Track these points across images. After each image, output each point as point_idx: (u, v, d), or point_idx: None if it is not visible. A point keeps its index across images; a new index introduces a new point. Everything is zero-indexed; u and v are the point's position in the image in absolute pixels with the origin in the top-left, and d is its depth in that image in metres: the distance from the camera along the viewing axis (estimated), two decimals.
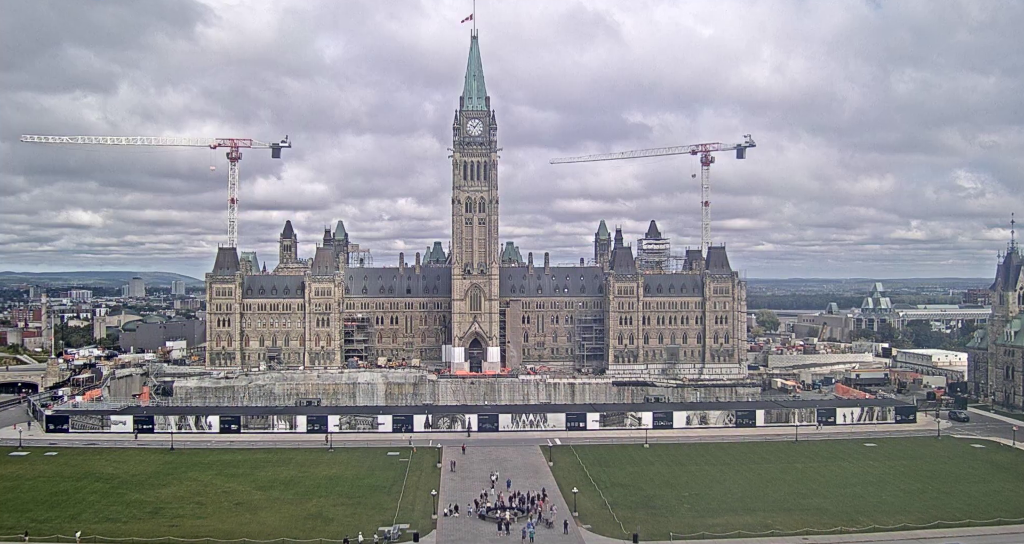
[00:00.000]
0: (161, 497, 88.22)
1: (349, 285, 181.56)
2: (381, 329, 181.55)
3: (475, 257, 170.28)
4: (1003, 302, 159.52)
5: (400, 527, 76.19)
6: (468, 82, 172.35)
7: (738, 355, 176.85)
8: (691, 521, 79.55)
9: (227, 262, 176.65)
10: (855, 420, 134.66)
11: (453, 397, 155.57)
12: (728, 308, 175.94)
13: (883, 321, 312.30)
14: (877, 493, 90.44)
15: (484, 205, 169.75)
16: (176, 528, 76.72)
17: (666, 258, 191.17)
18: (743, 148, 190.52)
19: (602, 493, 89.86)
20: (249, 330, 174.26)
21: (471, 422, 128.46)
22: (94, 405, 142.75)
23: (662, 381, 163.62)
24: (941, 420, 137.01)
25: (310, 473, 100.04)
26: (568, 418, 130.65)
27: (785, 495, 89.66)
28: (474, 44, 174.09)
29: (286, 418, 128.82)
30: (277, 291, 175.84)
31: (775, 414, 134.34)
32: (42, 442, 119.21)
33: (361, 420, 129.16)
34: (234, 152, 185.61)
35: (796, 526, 77.53)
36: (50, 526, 77.21)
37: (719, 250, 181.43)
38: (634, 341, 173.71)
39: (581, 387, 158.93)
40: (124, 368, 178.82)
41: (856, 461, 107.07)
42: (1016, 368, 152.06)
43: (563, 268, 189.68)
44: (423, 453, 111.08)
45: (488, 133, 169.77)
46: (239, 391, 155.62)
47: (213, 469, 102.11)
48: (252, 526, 77.37)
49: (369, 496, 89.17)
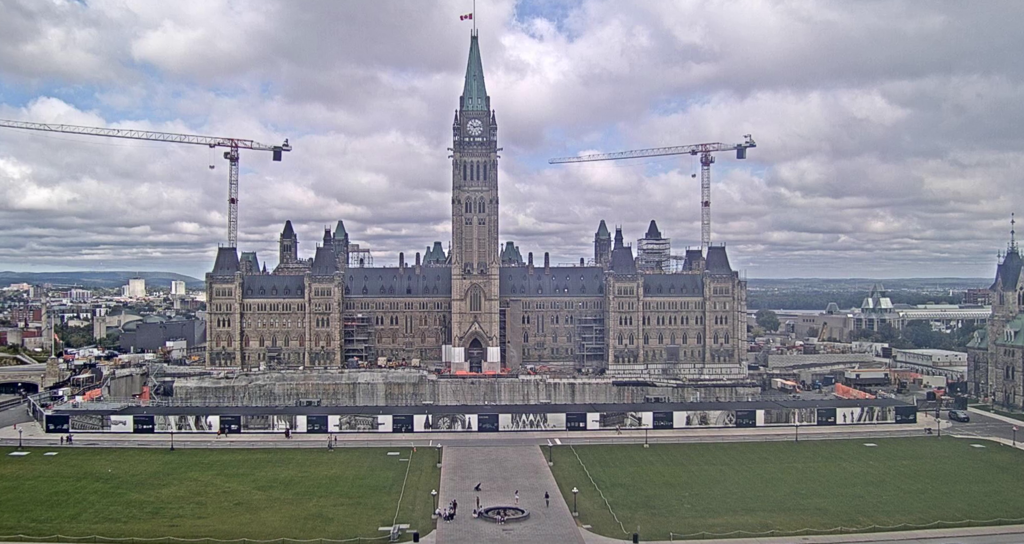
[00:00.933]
0: (161, 497, 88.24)
1: (349, 285, 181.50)
2: (381, 329, 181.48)
3: (475, 257, 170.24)
4: (1003, 302, 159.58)
5: (400, 527, 76.20)
6: (468, 82, 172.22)
7: (738, 355, 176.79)
8: (691, 521, 79.57)
9: (227, 262, 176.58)
10: (855, 420, 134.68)
11: (453, 397, 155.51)
12: (728, 308, 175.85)
13: (883, 321, 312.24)
14: (877, 493, 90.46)
15: (484, 205, 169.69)
16: (176, 528, 76.75)
17: (666, 258, 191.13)
18: (743, 148, 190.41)
19: (602, 493, 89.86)
20: (249, 330, 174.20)
21: (471, 422, 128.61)
22: (94, 405, 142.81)
23: (662, 381, 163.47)
24: (941, 420, 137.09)
25: (310, 473, 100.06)
26: (568, 418, 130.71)
27: (785, 495, 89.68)
28: (474, 44, 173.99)
29: (286, 418, 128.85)
30: (277, 291, 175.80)
31: (775, 414, 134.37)
32: (42, 442, 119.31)
33: (361, 420, 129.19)
34: (233, 151, 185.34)
35: (796, 526, 77.56)
36: (50, 526, 77.20)
37: (719, 250, 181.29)
38: (634, 341, 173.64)
39: (581, 387, 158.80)
40: (124, 368, 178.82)
41: (856, 461, 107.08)
42: (1016, 368, 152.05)
43: (563, 268, 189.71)
44: (423, 453, 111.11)
45: (488, 133, 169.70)
46: (239, 391, 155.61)
47: (213, 469, 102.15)
48: (252, 526, 77.39)
49: (369, 496, 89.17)
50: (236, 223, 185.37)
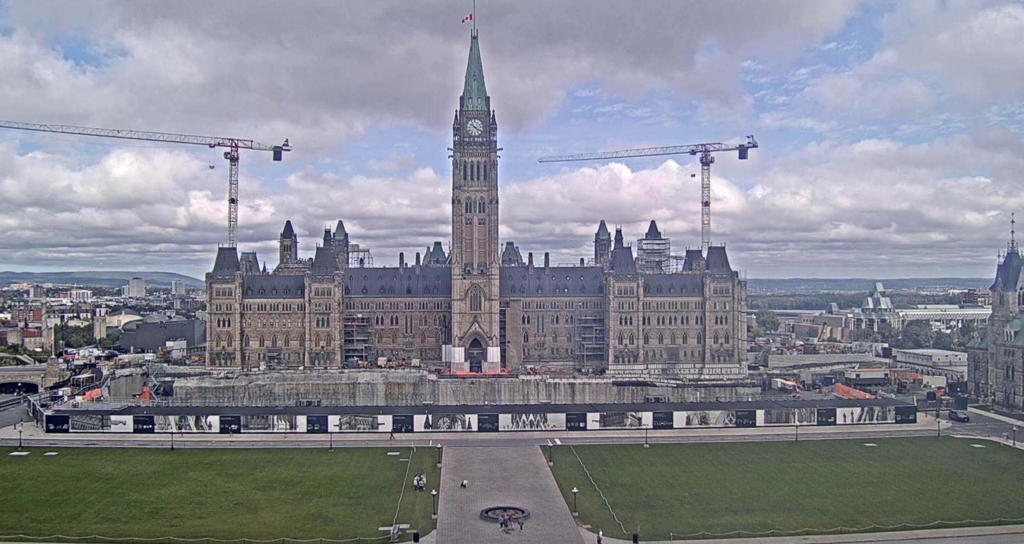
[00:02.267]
0: (161, 497, 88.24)
1: (349, 285, 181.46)
2: (381, 329, 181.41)
3: (475, 257, 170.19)
4: (1003, 302, 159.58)
5: (400, 527, 76.21)
6: (468, 82, 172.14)
7: (738, 355, 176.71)
8: (691, 521, 79.58)
9: (227, 262, 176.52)
10: (855, 420, 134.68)
11: (453, 397, 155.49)
12: (728, 308, 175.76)
13: (883, 321, 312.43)
14: (877, 493, 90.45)
15: (484, 205, 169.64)
16: (176, 528, 76.77)
17: (666, 258, 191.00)
18: (745, 148, 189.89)
19: (602, 493, 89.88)
20: (249, 330, 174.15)
21: (471, 422, 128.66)
22: (94, 405, 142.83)
23: (662, 381, 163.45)
24: (941, 420, 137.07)
25: (310, 473, 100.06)
26: (568, 418, 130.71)
27: (785, 495, 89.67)
28: (474, 44, 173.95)
29: (286, 418, 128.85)
30: (277, 291, 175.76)
31: (775, 414, 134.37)
32: (42, 442, 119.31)
33: (361, 420, 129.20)
34: (233, 151, 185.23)
35: (796, 526, 77.56)
36: (50, 526, 77.22)
37: (719, 250, 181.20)
38: (634, 341, 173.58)
39: (581, 387, 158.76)
40: (124, 368, 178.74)
41: (856, 461, 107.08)
42: (1016, 368, 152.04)
43: (563, 268, 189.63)
44: (423, 453, 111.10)
45: (488, 133, 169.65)
46: (239, 391, 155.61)
47: (213, 469, 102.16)
48: (252, 526, 77.40)
49: (369, 496, 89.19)
50: (236, 223, 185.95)
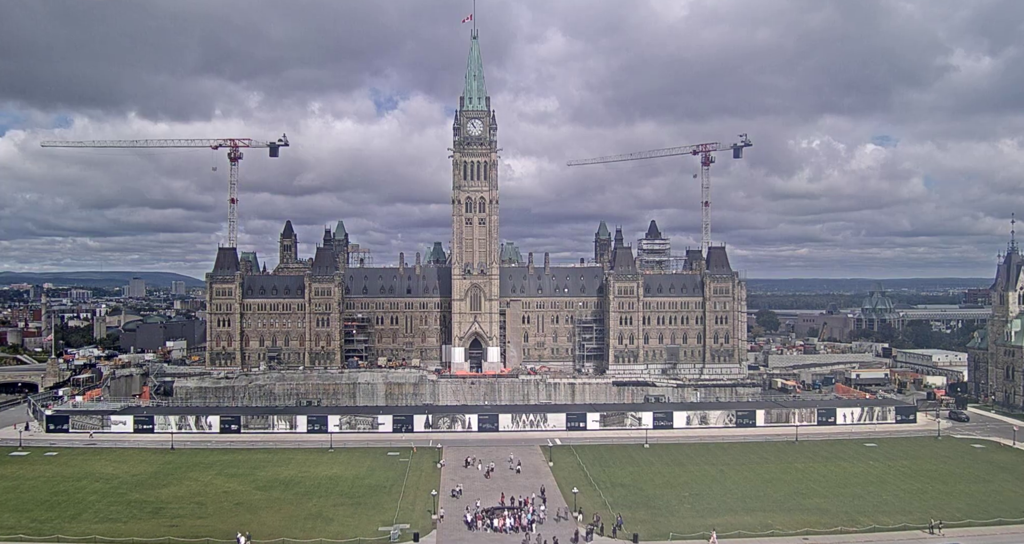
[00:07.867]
0: (161, 497, 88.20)
1: (349, 285, 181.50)
2: (381, 329, 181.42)
3: (475, 257, 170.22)
4: (1003, 302, 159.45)
5: (400, 527, 76.18)
6: (468, 82, 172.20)
7: (738, 355, 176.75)
8: (691, 521, 79.52)
9: (227, 262, 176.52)
10: (855, 420, 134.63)
11: (453, 397, 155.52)
12: (728, 308, 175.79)
13: (883, 321, 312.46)
14: (877, 493, 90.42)
15: (484, 205, 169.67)
16: (176, 528, 76.70)
17: (666, 258, 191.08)
18: (740, 148, 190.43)
19: (602, 493, 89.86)
20: (249, 330, 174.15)
21: (471, 421, 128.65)
22: (94, 405, 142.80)
23: (662, 381, 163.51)
24: (941, 420, 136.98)
25: (310, 473, 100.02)
26: (568, 418, 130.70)
27: (785, 495, 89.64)
28: (474, 44, 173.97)
29: (286, 418, 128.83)
30: (277, 291, 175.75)
31: (775, 414, 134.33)
32: (42, 442, 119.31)
33: (361, 420, 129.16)
34: (234, 152, 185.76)
35: (796, 526, 77.50)
36: (50, 526, 77.18)
37: (719, 250, 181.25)
38: (634, 341, 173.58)
39: (581, 387, 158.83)
40: (124, 368, 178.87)
41: (856, 461, 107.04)
42: (1016, 368, 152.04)
43: (563, 268, 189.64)
44: (423, 453, 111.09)
45: (488, 133, 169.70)
46: (239, 391, 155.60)
47: (213, 469, 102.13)
48: (252, 526, 77.26)
49: (369, 496, 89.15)
50: (236, 223, 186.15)
